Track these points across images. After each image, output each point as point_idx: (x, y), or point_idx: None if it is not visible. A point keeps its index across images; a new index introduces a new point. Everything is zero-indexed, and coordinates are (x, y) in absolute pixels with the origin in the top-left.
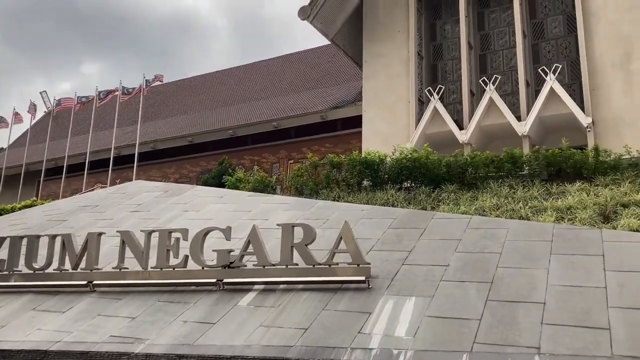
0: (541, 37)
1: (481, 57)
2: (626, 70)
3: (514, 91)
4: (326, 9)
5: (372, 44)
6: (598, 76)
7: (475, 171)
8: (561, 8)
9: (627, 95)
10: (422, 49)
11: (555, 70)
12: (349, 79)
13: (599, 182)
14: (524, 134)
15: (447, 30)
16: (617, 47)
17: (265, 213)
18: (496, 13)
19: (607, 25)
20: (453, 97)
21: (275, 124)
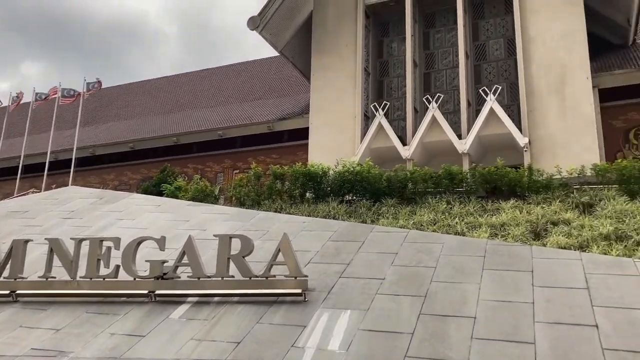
0: (483, 58)
1: (426, 75)
2: (561, 94)
3: (455, 110)
4: (276, 20)
5: (320, 58)
6: (535, 99)
7: (414, 186)
8: (502, 32)
9: (561, 118)
10: (369, 65)
11: (495, 91)
12: (297, 90)
13: (532, 200)
14: (464, 152)
15: (394, 48)
16: (553, 71)
17: (203, 223)
18: (441, 33)
19: (544, 51)
20: (398, 113)
21: (220, 133)
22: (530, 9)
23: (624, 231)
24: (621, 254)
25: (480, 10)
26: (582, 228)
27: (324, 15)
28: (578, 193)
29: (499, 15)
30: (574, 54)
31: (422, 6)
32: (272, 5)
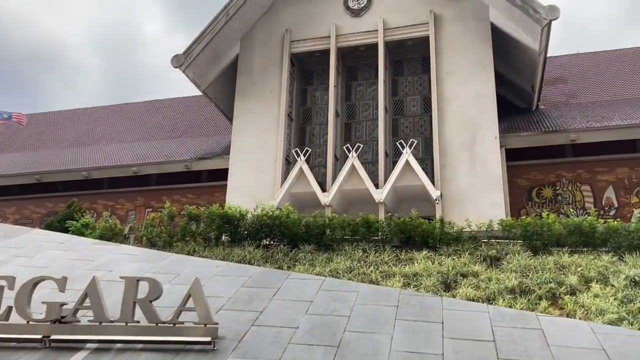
0: (401, 113)
1: (347, 125)
2: (471, 152)
3: (374, 160)
4: (200, 60)
5: (244, 100)
6: (448, 154)
7: (332, 233)
8: (419, 90)
9: (471, 174)
10: (292, 112)
11: (411, 145)
12: (219, 131)
13: (443, 251)
14: (380, 201)
15: (317, 96)
16: (464, 129)
17: (110, 264)
18: (363, 87)
19: (457, 110)
20: (319, 160)
21: (135, 170)
22: (446, 70)
23: (528, 285)
24: (525, 308)
25: (399, 68)
26: (490, 281)
27: (250, 60)
28: (486, 246)
29: (416, 74)
30: (484, 115)
31: (346, 59)
32: (198, 45)
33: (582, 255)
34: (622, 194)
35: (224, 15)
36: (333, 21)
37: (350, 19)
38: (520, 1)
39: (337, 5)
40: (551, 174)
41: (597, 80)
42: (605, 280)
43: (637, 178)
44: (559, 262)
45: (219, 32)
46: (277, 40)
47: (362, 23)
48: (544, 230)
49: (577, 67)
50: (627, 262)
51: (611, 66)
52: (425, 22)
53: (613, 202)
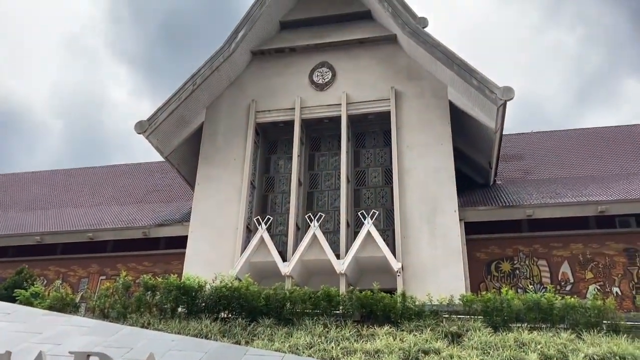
0: (363, 184)
1: (309, 194)
2: (432, 224)
3: (335, 230)
4: (165, 127)
5: (206, 167)
6: (409, 226)
7: (293, 306)
8: (381, 162)
9: (431, 247)
10: (255, 180)
11: (373, 215)
12: (180, 197)
13: (405, 327)
14: (341, 272)
15: (281, 165)
16: (425, 202)
17: (59, 337)
18: (326, 157)
19: (417, 183)
20: (280, 228)
21: (90, 235)
22: (406, 144)
23: None
24: None
25: (362, 140)
26: (451, 358)
27: (214, 128)
28: (447, 322)
29: (378, 147)
30: (443, 188)
31: (310, 130)
32: (163, 113)
33: (541, 332)
34: (577, 270)
35: (191, 84)
36: (298, 94)
37: (314, 92)
38: (476, 82)
39: (302, 79)
40: (509, 248)
41: (551, 158)
42: (564, 359)
43: (591, 254)
44: (519, 339)
45: (184, 101)
46: (243, 110)
47: (326, 96)
48: (504, 306)
49: (532, 145)
50: (585, 340)
51: (563, 145)
52: (387, 98)
53: (569, 277)
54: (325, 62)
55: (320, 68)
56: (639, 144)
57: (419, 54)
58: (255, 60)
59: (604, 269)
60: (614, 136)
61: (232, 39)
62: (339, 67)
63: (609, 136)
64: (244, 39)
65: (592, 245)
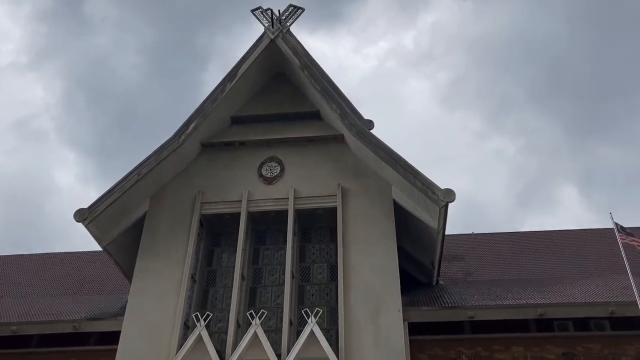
0: (307, 280)
1: (252, 289)
2: (375, 324)
3: (277, 328)
4: (106, 216)
5: (146, 260)
6: (352, 325)
7: None
8: (326, 258)
9: (375, 347)
10: (196, 273)
11: (317, 314)
12: (117, 290)
13: None
14: None
15: (224, 258)
16: (369, 300)
17: None
18: (270, 251)
19: (361, 281)
20: (220, 325)
21: (14, 328)
22: (352, 240)
23: None
24: None
25: (308, 235)
26: None
27: (157, 219)
28: None
29: (324, 242)
30: (387, 287)
31: (256, 223)
32: (105, 201)
33: None
34: None
35: (136, 175)
36: (246, 187)
37: (262, 186)
38: (420, 184)
39: (251, 173)
40: (452, 350)
41: (492, 260)
42: None
43: (532, 358)
44: None
45: (128, 190)
46: (188, 201)
47: (274, 190)
48: None
49: (473, 246)
50: None
51: (503, 247)
52: (334, 194)
53: None
54: (274, 156)
55: (269, 162)
56: (574, 248)
57: (364, 153)
58: (204, 152)
59: None
60: (550, 240)
61: (182, 132)
62: (288, 162)
63: (546, 240)
64: (194, 132)
65: (533, 349)
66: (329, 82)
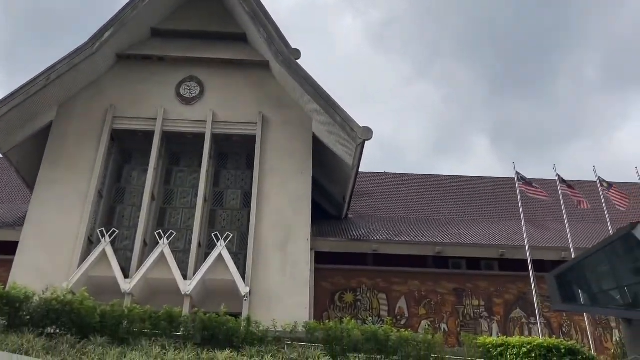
0: (220, 205)
1: (162, 210)
2: (284, 251)
3: (186, 249)
4: (7, 121)
5: (50, 170)
6: (261, 251)
7: (130, 325)
8: (241, 185)
9: (281, 274)
10: (104, 189)
11: (227, 238)
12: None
13: (247, 352)
14: (186, 293)
15: (134, 176)
16: (279, 229)
17: None
18: (184, 173)
19: (274, 209)
20: (126, 243)
21: None
22: (268, 169)
23: None
24: None
25: (224, 161)
26: None
27: (65, 129)
28: (289, 349)
29: (240, 169)
30: (299, 217)
31: (170, 144)
32: (7, 105)
33: None
34: (412, 305)
35: (44, 79)
36: (162, 104)
37: (180, 106)
38: (340, 119)
39: (168, 91)
40: (354, 279)
41: (399, 199)
42: None
43: (425, 292)
44: None
45: (34, 95)
46: (99, 114)
47: (192, 111)
48: (344, 336)
49: (384, 184)
50: None
51: (413, 188)
52: (254, 122)
53: (404, 312)
54: (194, 76)
55: (189, 82)
56: (477, 194)
57: (289, 83)
58: (120, 64)
59: (435, 306)
60: (456, 185)
61: (97, 38)
62: (209, 84)
63: (452, 184)
64: (110, 40)
65: (427, 283)
66: (258, 4)
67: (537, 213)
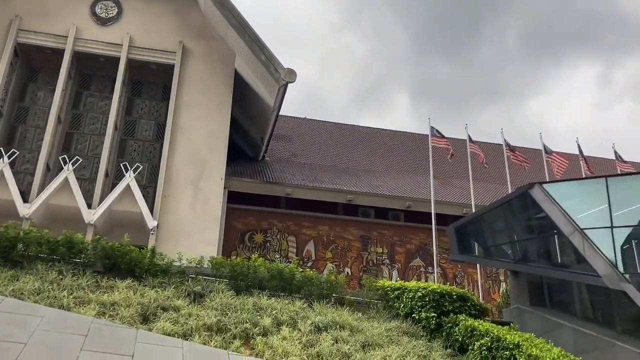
0: (131, 134)
1: (67, 134)
2: (196, 187)
3: (92, 177)
4: None
5: None
6: (172, 185)
7: (25, 248)
8: (155, 116)
9: (192, 210)
10: (4, 106)
11: (136, 169)
12: None
13: (149, 282)
14: (90, 222)
15: (40, 96)
16: (193, 164)
17: None
18: (94, 98)
19: (189, 144)
20: (27, 166)
21: None
22: (186, 102)
23: (225, 324)
24: (219, 346)
25: (139, 89)
26: (190, 316)
27: None
28: (193, 282)
29: (155, 99)
30: (214, 154)
31: (81, 65)
32: None
33: (279, 299)
34: (320, 249)
35: None
36: (75, 22)
37: (94, 26)
38: (264, 57)
39: (82, 7)
40: (265, 221)
41: (317, 145)
42: (294, 324)
43: (334, 236)
44: (258, 303)
45: None
46: (2, 25)
47: (107, 33)
48: (250, 272)
49: (304, 130)
50: (314, 309)
51: (331, 136)
52: (174, 51)
53: (312, 254)
54: None
55: (106, 0)
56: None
57: (214, 14)
58: None
59: (341, 251)
60: (373, 136)
61: None
62: (128, 6)
63: (369, 135)
64: None
65: (336, 229)
66: None
67: (445, 170)
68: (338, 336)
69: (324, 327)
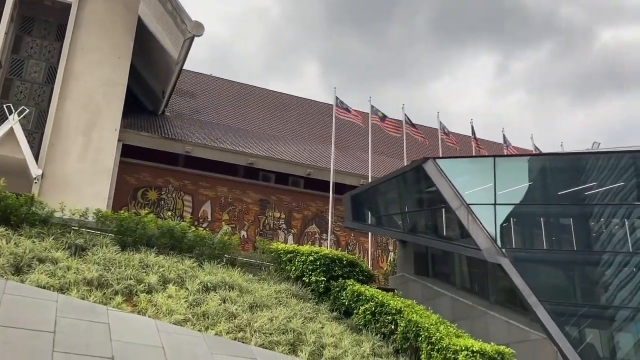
0: (18, 75)
1: None
2: (88, 137)
3: None
4: None
5: None
6: (62, 133)
7: None
8: (47, 56)
9: (81, 161)
10: None
11: (22, 112)
12: None
13: (25, 232)
14: None
15: None
16: (86, 112)
17: None
18: None
19: (83, 90)
20: None
21: None
22: (82, 46)
23: (107, 279)
24: (99, 301)
25: (29, 25)
26: (68, 270)
27: None
28: (75, 235)
29: (47, 39)
30: (110, 103)
31: None
32: None
33: (168, 257)
34: (217, 210)
35: None
36: None
37: None
38: (171, 7)
39: None
40: (160, 178)
41: (222, 105)
42: (182, 283)
43: (232, 198)
44: (144, 260)
45: None
46: None
47: None
48: (138, 228)
49: (209, 88)
50: (205, 269)
51: (237, 97)
52: None
53: (208, 215)
54: None
55: None
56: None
57: None
58: None
59: (239, 214)
60: (280, 101)
61: None
62: None
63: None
64: None
65: (235, 191)
66: None
67: (347, 141)
68: (226, 296)
69: (213, 287)
